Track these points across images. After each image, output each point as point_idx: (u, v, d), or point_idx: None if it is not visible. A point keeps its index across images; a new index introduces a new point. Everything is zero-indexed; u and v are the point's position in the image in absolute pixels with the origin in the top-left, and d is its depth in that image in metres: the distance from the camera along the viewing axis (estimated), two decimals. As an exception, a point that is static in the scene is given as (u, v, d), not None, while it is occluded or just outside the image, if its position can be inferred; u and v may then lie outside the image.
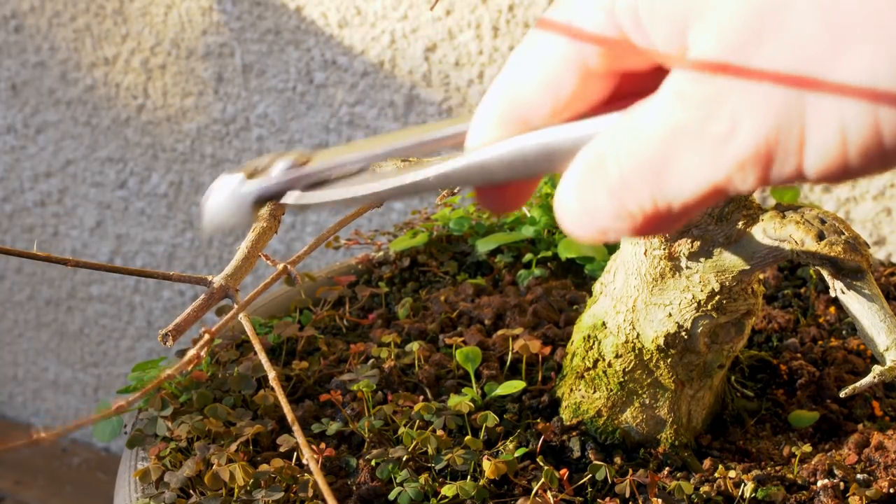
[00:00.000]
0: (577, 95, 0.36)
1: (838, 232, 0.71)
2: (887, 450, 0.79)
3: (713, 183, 0.32)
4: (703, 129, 0.31)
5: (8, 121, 1.77)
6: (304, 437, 0.53)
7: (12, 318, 1.98)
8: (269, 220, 0.71)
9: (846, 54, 0.29)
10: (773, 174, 0.31)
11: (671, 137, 0.32)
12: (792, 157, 0.30)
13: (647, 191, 0.34)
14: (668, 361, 0.78)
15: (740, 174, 0.31)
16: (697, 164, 0.32)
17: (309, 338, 0.94)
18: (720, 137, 0.31)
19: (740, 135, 0.31)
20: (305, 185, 0.41)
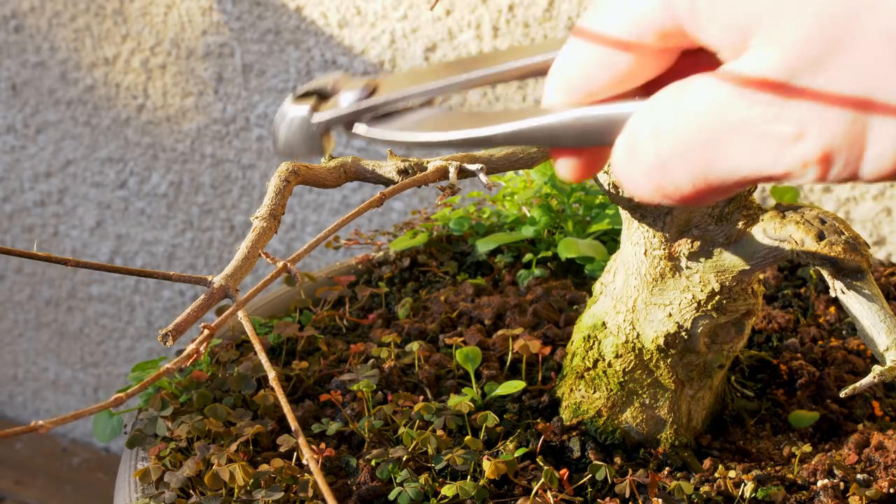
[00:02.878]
0: (634, 69, 0.37)
1: (838, 232, 0.71)
2: (887, 450, 0.79)
3: (768, 173, 0.35)
4: (768, 128, 0.34)
5: (8, 121, 1.77)
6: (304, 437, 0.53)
7: (12, 318, 1.98)
8: (269, 220, 0.71)
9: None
10: (830, 174, 0.34)
11: (724, 127, 0.34)
12: (851, 163, 0.33)
13: (687, 172, 0.36)
14: (668, 361, 0.78)
15: (802, 170, 0.34)
16: (753, 155, 0.34)
17: (309, 338, 0.94)
18: (787, 138, 0.33)
19: (809, 139, 0.33)
20: (373, 116, 0.42)
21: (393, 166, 0.78)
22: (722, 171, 0.35)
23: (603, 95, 0.38)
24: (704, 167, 0.36)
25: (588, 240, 1.05)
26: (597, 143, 0.39)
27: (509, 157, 0.78)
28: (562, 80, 0.39)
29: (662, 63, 0.38)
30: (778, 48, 0.33)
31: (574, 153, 0.41)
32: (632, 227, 0.76)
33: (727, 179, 0.36)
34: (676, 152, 0.36)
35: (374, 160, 0.79)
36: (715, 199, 0.37)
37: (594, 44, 0.38)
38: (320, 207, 1.59)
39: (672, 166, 0.36)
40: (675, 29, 0.36)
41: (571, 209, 1.09)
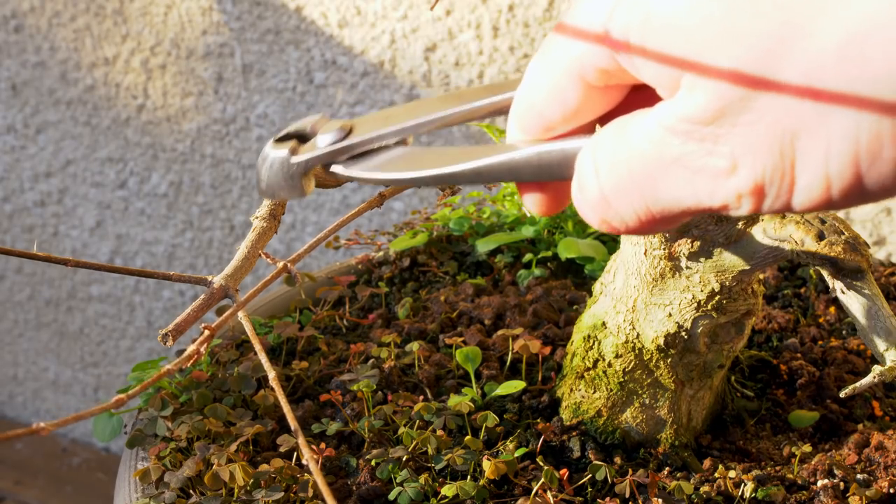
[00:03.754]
0: (584, 105, 0.39)
1: (838, 232, 0.71)
2: (887, 450, 0.79)
3: (707, 205, 0.36)
4: (703, 163, 0.35)
5: (8, 121, 1.77)
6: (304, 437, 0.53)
7: (12, 318, 1.98)
8: (269, 220, 0.71)
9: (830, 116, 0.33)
10: (764, 205, 0.35)
11: (661, 163, 0.36)
12: (783, 194, 0.35)
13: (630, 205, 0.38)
14: (668, 361, 0.78)
15: (736, 202, 0.36)
16: (691, 188, 0.36)
17: (309, 338, 0.94)
18: (721, 172, 0.35)
19: (741, 172, 0.35)
20: (349, 156, 0.45)
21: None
22: (664, 204, 0.37)
23: (559, 131, 0.40)
24: (646, 200, 0.37)
25: (588, 240, 1.05)
26: (556, 177, 0.41)
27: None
28: (519, 118, 0.41)
29: (614, 97, 0.39)
30: (705, 90, 0.34)
31: (538, 188, 0.43)
32: (632, 227, 0.76)
33: (670, 211, 0.37)
34: (617, 187, 0.38)
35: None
36: (663, 229, 0.39)
37: (543, 82, 0.39)
38: (320, 207, 1.59)
39: (615, 200, 0.38)
40: (614, 68, 0.37)
41: (571, 209, 1.09)
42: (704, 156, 0.35)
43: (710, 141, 0.35)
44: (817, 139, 0.33)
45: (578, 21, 0.38)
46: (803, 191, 0.34)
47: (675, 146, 0.36)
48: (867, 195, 0.34)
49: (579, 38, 0.38)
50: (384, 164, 0.44)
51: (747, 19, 0.33)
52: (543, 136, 0.40)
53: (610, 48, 0.37)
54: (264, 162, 0.46)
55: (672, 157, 0.36)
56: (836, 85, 0.32)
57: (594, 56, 0.37)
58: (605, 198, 0.38)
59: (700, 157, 0.35)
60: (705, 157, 0.35)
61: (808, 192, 0.34)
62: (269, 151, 0.46)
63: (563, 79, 0.39)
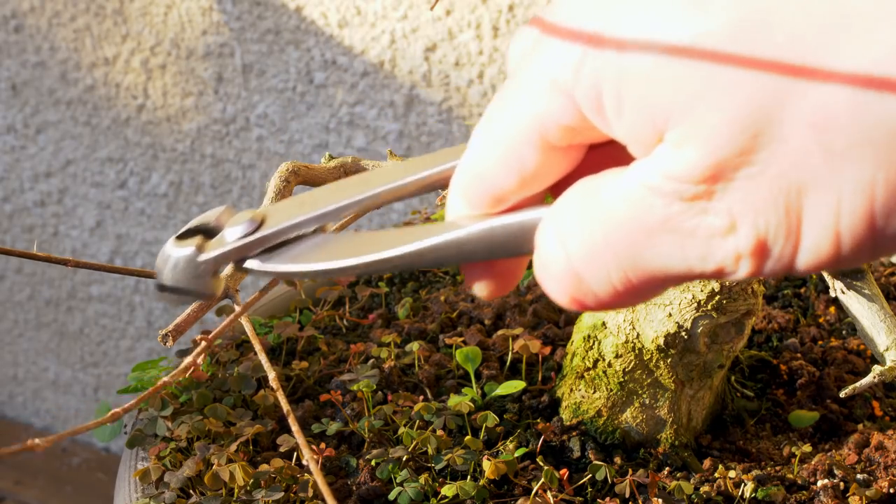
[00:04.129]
0: (543, 169, 0.35)
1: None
2: (887, 450, 0.79)
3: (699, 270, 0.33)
4: (695, 223, 0.32)
5: (8, 121, 1.77)
6: (304, 437, 0.53)
7: (12, 318, 1.98)
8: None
9: (841, 168, 0.30)
10: (766, 267, 0.32)
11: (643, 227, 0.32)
12: (787, 254, 0.31)
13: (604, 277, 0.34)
14: (668, 361, 0.78)
15: (734, 265, 0.32)
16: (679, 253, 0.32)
17: (309, 338, 0.94)
18: (717, 231, 0.32)
19: (741, 230, 0.31)
20: (263, 249, 0.40)
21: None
22: (646, 272, 0.33)
23: (511, 201, 0.36)
24: (625, 269, 0.33)
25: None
26: (512, 253, 0.36)
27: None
28: (465, 190, 0.36)
29: (573, 159, 0.35)
30: (698, 143, 0.31)
31: (486, 270, 0.38)
32: (632, 227, 0.76)
33: (652, 279, 0.33)
34: (589, 257, 0.33)
35: (374, 160, 0.79)
36: (637, 302, 0.35)
37: (496, 146, 0.35)
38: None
39: (587, 272, 0.34)
40: (580, 124, 0.33)
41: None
42: (696, 215, 0.31)
43: (704, 199, 0.31)
44: (827, 192, 0.30)
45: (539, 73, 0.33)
46: (810, 249, 0.31)
47: (660, 207, 0.32)
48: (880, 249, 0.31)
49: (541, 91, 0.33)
50: (304, 253, 0.39)
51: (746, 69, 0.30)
52: (493, 208, 0.36)
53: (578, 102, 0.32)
54: (166, 262, 0.41)
55: (657, 220, 0.32)
56: (849, 133, 0.29)
57: (557, 112, 0.33)
58: (574, 271, 0.34)
59: (691, 218, 0.31)
60: (697, 217, 0.31)
61: (816, 250, 0.31)
62: (170, 250, 0.41)
63: (520, 141, 0.34)
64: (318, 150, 1.54)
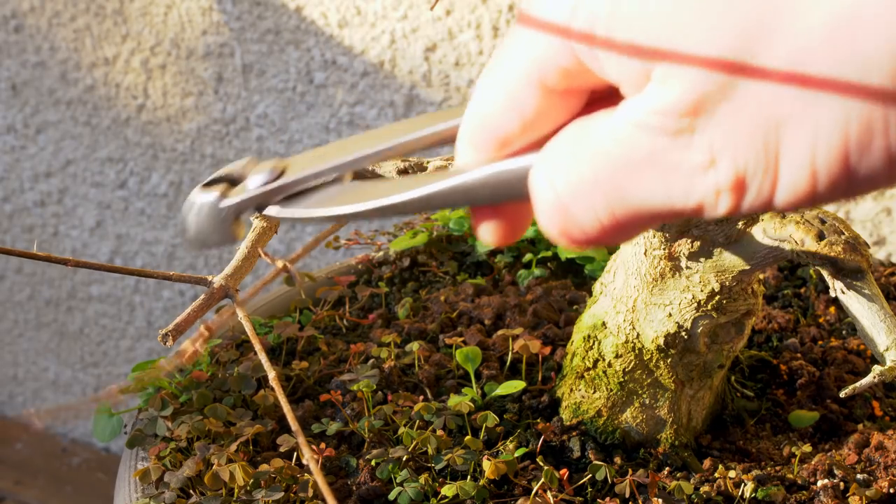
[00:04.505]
0: (544, 112, 0.36)
1: (838, 232, 0.71)
2: (887, 450, 0.79)
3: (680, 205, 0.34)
4: (677, 158, 0.33)
5: (8, 121, 1.77)
6: (304, 437, 0.53)
7: (12, 318, 1.98)
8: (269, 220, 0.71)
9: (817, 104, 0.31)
10: (745, 202, 0.33)
11: (629, 162, 0.34)
12: (766, 189, 0.33)
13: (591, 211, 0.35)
14: (668, 361, 0.78)
15: (714, 200, 0.33)
16: (663, 187, 0.34)
17: (309, 338, 0.94)
18: (697, 167, 0.33)
19: (721, 166, 0.32)
20: (283, 196, 0.42)
21: (393, 166, 0.78)
22: (630, 207, 0.35)
23: (516, 146, 0.37)
24: (610, 204, 0.35)
25: (588, 240, 1.04)
26: (514, 197, 0.38)
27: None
28: (472, 135, 0.38)
29: (573, 105, 0.37)
30: (681, 79, 0.32)
31: (493, 214, 0.40)
32: (632, 227, 0.76)
33: (636, 215, 0.35)
34: (577, 191, 0.35)
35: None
36: (623, 239, 0.36)
37: (498, 91, 0.37)
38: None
39: (574, 206, 0.35)
40: (576, 67, 0.35)
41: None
42: (679, 150, 0.33)
43: (686, 134, 0.32)
44: (803, 129, 0.31)
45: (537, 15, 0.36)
46: (787, 185, 0.32)
47: (645, 142, 0.33)
48: (854, 188, 0.32)
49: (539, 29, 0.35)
50: (322, 200, 0.41)
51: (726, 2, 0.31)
52: (498, 153, 0.38)
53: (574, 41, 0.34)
54: (191, 208, 0.43)
55: (642, 155, 0.33)
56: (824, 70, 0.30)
57: (555, 55, 0.35)
58: (562, 204, 0.35)
59: (674, 153, 0.33)
60: (680, 152, 0.33)
61: (793, 186, 0.32)
62: (195, 197, 0.43)
63: (520, 84, 0.36)
64: (318, 150, 1.54)
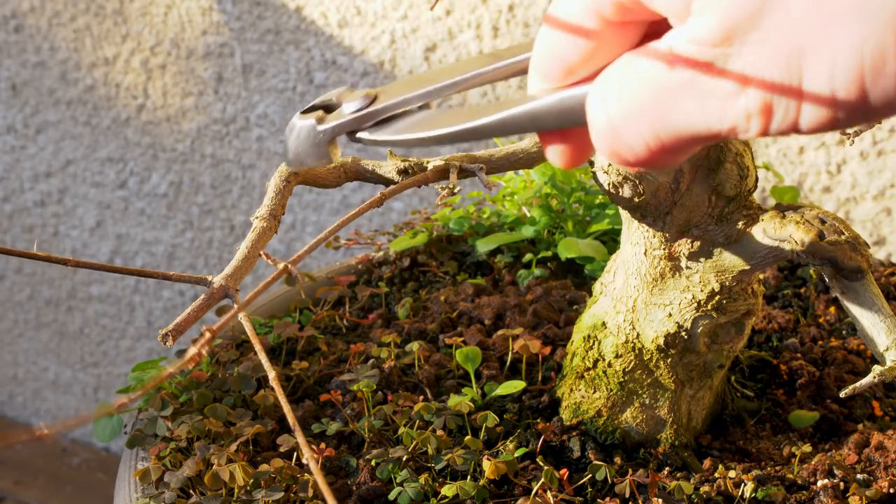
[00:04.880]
0: (602, 43, 0.40)
1: (838, 232, 0.71)
2: (887, 450, 0.79)
3: (717, 128, 0.37)
4: (711, 85, 0.36)
5: (8, 121, 1.77)
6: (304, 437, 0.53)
7: (12, 318, 1.98)
8: (269, 220, 0.71)
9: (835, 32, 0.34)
10: (773, 126, 0.36)
11: (670, 88, 0.37)
12: (791, 114, 0.35)
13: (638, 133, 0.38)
14: (668, 361, 0.78)
15: (746, 123, 0.36)
16: (700, 111, 0.37)
17: (309, 338, 0.94)
18: (729, 93, 0.36)
19: (749, 92, 0.35)
20: (374, 122, 0.46)
21: (393, 166, 0.78)
22: (673, 129, 0.38)
23: (580, 74, 0.40)
24: (655, 126, 0.38)
25: (588, 240, 1.05)
26: (578, 123, 0.41)
27: (509, 157, 0.78)
28: (540, 66, 0.41)
29: (631, 36, 0.40)
30: (713, 11, 0.35)
31: (561, 138, 0.43)
32: (632, 227, 0.76)
33: (679, 137, 0.38)
34: (626, 114, 0.38)
35: (374, 160, 0.79)
36: (671, 160, 0.39)
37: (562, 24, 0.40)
38: (320, 207, 1.59)
39: (623, 128, 0.38)
40: (630, 1, 0.38)
41: (571, 209, 1.09)
42: (713, 77, 0.36)
43: (720, 61, 0.36)
44: (823, 55, 0.34)
45: None
46: (810, 108, 0.35)
47: (685, 70, 0.36)
48: (871, 112, 0.35)
49: None
50: (408, 126, 0.45)
51: None
52: (564, 81, 0.41)
53: None
54: (291, 131, 0.47)
55: (681, 81, 0.37)
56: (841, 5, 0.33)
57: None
58: (613, 126, 0.39)
59: (709, 79, 0.36)
60: (714, 79, 0.36)
61: (815, 109, 0.35)
62: (296, 121, 0.47)
63: (580, 17, 0.39)
64: (318, 150, 1.54)
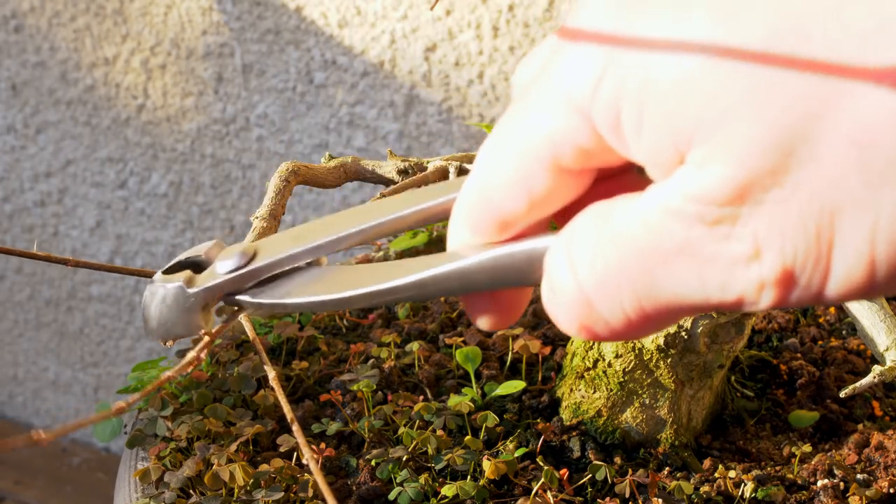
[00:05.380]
0: (554, 193, 0.33)
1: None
2: (887, 450, 0.79)
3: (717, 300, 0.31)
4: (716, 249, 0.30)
5: (8, 121, 1.77)
6: (304, 437, 0.53)
7: (12, 318, 1.98)
8: (269, 220, 0.71)
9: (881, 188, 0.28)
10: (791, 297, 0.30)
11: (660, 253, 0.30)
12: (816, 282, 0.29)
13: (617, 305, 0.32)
14: (668, 361, 0.78)
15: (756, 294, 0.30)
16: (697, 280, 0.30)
17: (309, 338, 0.94)
18: (739, 259, 0.30)
19: (766, 258, 0.29)
20: (256, 282, 0.38)
21: (393, 166, 0.78)
22: (660, 300, 0.31)
23: (518, 228, 0.34)
24: (639, 297, 0.31)
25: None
26: (517, 283, 0.35)
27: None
28: (470, 214, 0.34)
29: (583, 183, 0.33)
30: (726, 161, 0.29)
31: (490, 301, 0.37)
32: (632, 227, 0.76)
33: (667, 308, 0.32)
34: (602, 283, 0.32)
35: (374, 160, 0.79)
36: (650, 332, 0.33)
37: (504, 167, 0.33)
38: (320, 207, 1.59)
39: (598, 299, 0.32)
40: (596, 145, 0.31)
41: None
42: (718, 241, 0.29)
43: (727, 223, 0.29)
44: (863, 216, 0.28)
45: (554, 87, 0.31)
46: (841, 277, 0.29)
47: (679, 232, 0.30)
48: None
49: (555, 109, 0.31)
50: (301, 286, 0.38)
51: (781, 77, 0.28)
52: (498, 235, 0.34)
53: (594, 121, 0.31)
54: (153, 297, 0.40)
55: (674, 245, 0.30)
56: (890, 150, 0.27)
57: (573, 132, 0.31)
58: (585, 298, 0.32)
59: (712, 244, 0.30)
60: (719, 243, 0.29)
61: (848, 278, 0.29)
62: (157, 285, 0.40)
63: (529, 162, 0.32)
64: (318, 150, 1.54)
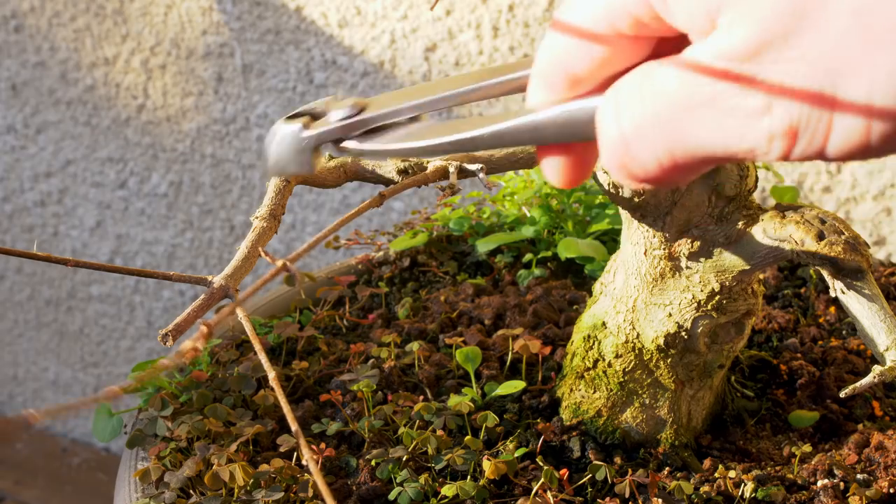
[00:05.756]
0: (613, 55, 0.38)
1: (838, 232, 0.71)
2: (887, 450, 0.79)
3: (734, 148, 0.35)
4: (735, 102, 0.34)
5: (8, 121, 1.77)
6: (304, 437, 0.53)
7: (12, 318, 1.98)
8: (269, 220, 0.71)
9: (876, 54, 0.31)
10: (796, 150, 0.34)
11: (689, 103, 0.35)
12: (818, 138, 0.33)
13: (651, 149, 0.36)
14: (668, 361, 0.78)
15: (767, 145, 0.34)
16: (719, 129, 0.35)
17: (309, 338, 0.94)
18: (754, 112, 0.34)
19: (776, 112, 0.33)
20: (362, 132, 0.44)
21: (393, 166, 0.78)
22: (688, 148, 0.36)
23: (585, 87, 0.39)
24: (670, 143, 0.36)
25: (588, 240, 1.05)
26: (581, 137, 0.39)
27: (509, 157, 0.78)
28: (544, 76, 0.39)
29: (641, 50, 0.38)
30: (746, 24, 0.33)
31: (560, 152, 0.41)
32: (632, 227, 0.76)
33: (694, 155, 0.36)
34: (639, 129, 0.36)
35: (374, 160, 0.79)
36: (681, 178, 0.37)
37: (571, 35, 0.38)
38: (320, 207, 1.59)
39: (635, 143, 0.37)
40: (647, 15, 0.36)
41: (571, 209, 1.09)
42: (738, 96, 0.34)
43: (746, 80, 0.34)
44: (862, 76, 0.32)
45: None
46: (840, 134, 0.33)
47: (707, 86, 0.34)
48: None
49: None
50: (398, 137, 0.43)
51: None
52: (568, 93, 0.39)
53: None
54: (274, 136, 0.45)
55: (702, 98, 0.35)
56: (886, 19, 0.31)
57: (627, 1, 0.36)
58: (624, 140, 0.37)
59: (733, 97, 0.34)
60: (738, 97, 0.34)
61: (846, 136, 0.33)
62: (279, 126, 0.45)
63: (592, 26, 0.38)
64: (318, 150, 1.54)
